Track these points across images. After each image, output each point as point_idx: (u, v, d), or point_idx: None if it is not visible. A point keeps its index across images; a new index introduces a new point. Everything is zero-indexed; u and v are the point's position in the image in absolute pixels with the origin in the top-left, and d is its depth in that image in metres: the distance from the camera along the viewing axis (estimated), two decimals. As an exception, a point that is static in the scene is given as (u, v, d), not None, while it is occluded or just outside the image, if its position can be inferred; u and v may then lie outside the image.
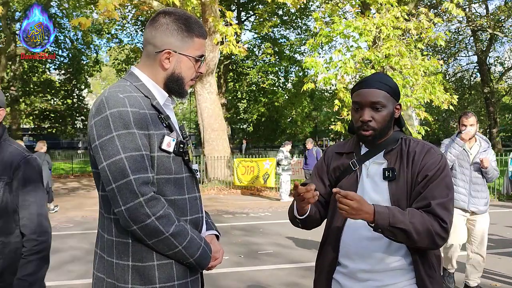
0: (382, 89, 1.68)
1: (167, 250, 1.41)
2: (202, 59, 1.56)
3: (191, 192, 1.53)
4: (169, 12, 1.53)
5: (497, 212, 9.67)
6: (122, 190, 1.35)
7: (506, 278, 4.77)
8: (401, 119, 1.79)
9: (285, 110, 30.62)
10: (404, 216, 1.55)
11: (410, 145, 1.70)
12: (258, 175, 13.05)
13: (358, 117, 1.70)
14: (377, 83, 1.69)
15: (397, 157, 1.69)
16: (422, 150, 1.67)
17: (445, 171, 1.64)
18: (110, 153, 1.37)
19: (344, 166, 1.77)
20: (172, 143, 1.45)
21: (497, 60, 33.86)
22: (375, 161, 1.72)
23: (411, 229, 1.53)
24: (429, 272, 1.64)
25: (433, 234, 1.56)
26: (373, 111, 1.68)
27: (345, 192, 1.53)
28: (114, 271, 1.43)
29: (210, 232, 1.65)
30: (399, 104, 1.74)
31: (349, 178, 1.75)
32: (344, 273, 1.71)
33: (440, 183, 1.61)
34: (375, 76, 1.74)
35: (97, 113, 1.41)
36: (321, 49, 19.68)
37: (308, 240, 6.56)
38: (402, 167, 1.66)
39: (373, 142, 1.73)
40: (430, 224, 1.56)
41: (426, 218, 1.56)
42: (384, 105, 1.67)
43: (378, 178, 1.69)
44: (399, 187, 1.64)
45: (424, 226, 1.55)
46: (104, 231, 1.49)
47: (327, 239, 1.78)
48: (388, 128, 1.72)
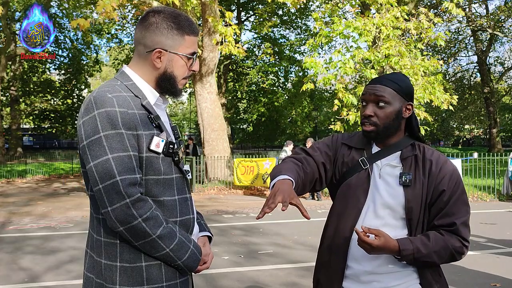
0: (389, 86, 1.64)
1: (154, 252, 1.40)
2: (194, 57, 1.54)
3: (181, 193, 1.51)
4: (158, 11, 1.51)
5: (497, 212, 9.67)
6: (108, 191, 1.34)
7: (506, 278, 4.77)
8: (414, 123, 1.72)
9: (285, 110, 30.60)
10: (428, 248, 1.57)
11: (426, 153, 1.66)
12: (258, 175, 13.06)
13: (362, 112, 1.68)
14: (386, 80, 1.66)
15: (411, 162, 1.65)
16: (439, 161, 1.64)
17: (461, 185, 1.64)
18: (97, 154, 1.35)
19: (353, 162, 1.71)
20: (161, 144, 1.44)
21: (497, 60, 33.88)
22: (390, 163, 1.67)
23: (435, 258, 1.58)
24: (434, 277, 1.63)
25: (454, 254, 1.60)
26: (377, 107, 1.64)
27: (367, 228, 1.52)
28: (102, 272, 1.43)
29: (202, 234, 1.64)
30: (410, 104, 1.67)
31: (359, 176, 1.68)
32: (348, 275, 1.67)
33: (459, 199, 1.62)
34: (388, 74, 1.71)
35: (85, 112, 1.40)
36: (321, 49, 19.69)
37: (308, 240, 6.56)
38: (418, 174, 1.62)
39: (377, 139, 1.69)
40: (452, 245, 1.59)
41: (449, 241, 1.59)
42: (388, 101, 1.62)
43: (393, 181, 1.64)
44: (415, 194, 1.61)
45: (447, 251, 1.59)
46: (94, 231, 1.48)
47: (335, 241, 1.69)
48: (394, 127, 1.66)
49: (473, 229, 7.88)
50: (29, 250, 6.22)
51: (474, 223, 8.13)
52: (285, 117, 32.28)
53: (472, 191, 12.07)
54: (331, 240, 1.71)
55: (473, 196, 11.75)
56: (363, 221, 1.64)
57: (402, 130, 1.70)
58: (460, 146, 47.67)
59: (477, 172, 13.29)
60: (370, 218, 1.63)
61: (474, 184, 12.74)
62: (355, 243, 1.61)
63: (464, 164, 14.42)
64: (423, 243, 1.57)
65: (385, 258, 1.62)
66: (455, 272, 4.88)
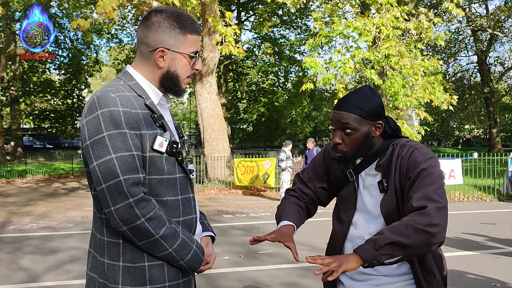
0: (353, 112, 1.61)
1: (157, 252, 1.40)
2: (196, 56, 1.54)
3: (185, 193, 1.51)
4: (160, 10, 1.51)
5: (497, 212, 9.68)
6: (112, 191, 1.34)
7: (506, 278, 4.77)
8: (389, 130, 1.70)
9: (285, 110, 30.63)
10: (383, 233, 1.45)
11: (398, 152, 1.64)
12: (258, 175, 13.06)
13: (332, 137, 1.70)
14: (350, 106, 1.62)
15: (387, 167, 1.65)
16: (407, 153, 1.61)
17: (429, 169, 1.53)
18: (101, 153, 1.35)
19: (343, 174, 1.76)
20: (164, 143, 1.44)
21: (497, 60, 33.92)
22: (369, 173, 1.70)
23: (398, 237, 1.42)
24: (427, 278, 1.62)
25: (420, 229, 1.42)
26: (344, 134, 1.65)
27: (312, 259, 1.41)
28: (105, 271, 1.43)
29: (206, 234, 1.64)
30: (379, 122, 1.65)
31: (348, 189, 1.74)
32: (346, 274, 1.73)
33: (421, 181, 1.52)
34: (352, 95, 1.66)
35: (88, 112, 1.40)
36: (321, 49, 19.67)
37: (308, 240, 6.56)
38: (390, 176, 1.63)
39: (347, 158, 1.72)
40: (412, 221, 1.44)
41: (409, 219, 1.45)
42: (354, 128, 1.62)
43: (374, 190, 1.67)
44: (388, 197, 1.62)
45: (408, 227, 1.43)
46: (97, 230, 1.48)
47: (333, 245, 1.79)
48: (366, 148, 1.67)
49: (473, 229, 7.89)
50: (29, 250, 6.22)
51: (474, 223, 8.13)
52: (285, 117, 32.30)
53: (472, 191, 12.08)
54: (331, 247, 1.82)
55: (473, 196, 11.75)
56: (354, 230, 1.70)
57: (378, 142, 1.70)
58: (460, 146, 47.69)
59: (477, 172, 13.29)
60: (360, 227, 1.69)
61: (474, 184, 12.74)
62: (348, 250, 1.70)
63: (464, 164, 14.41)
64: (377, 234, 1.47)
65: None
66: (455, 272, 4.88)
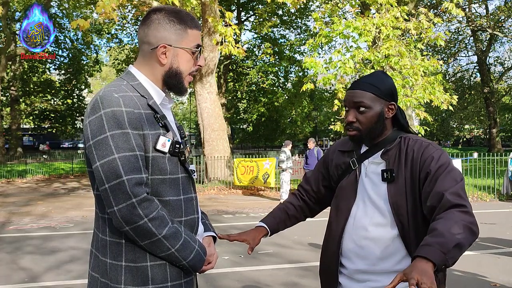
0: (368, 90, 1.66)
1: (160, 252, 1.40)
2: (199, 50, 1.55)
3: (187, 193, 1.52)
4: (159, 9, 1.53)
5: (497, 212, 9.68)
6: (114, 191, 1.34)
7: (506, 278, 4.77)
8: (401, 118, 1.75)
9: (285, 110, 30.65)
10: (444, 234, 1.37)
11: (409, 144, 1.66)
12: (258, 175, 13.06)
13: (345, 118, 1.71)
14: (364, 85, 1.67)
15: (395, 157, 1.66)
16: (420, 147, 1.63)
17: (447, 165, 1.57)
18: (104, 153, 1.36)
19: (346, 164, 1.78)
20: (167, 144, 1.44)
21: (497, 60, 33.93)
22: (373, 161, 1.71)
23: (460, 238, 1.37)
24: None
25: (467, 225, 1.41)
26: (358, 113, 1.67)
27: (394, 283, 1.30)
28: (108, 271, 1.43)
29: (207, 234, 1.64)
30: (392, 104, 1.70)
31: (349, 177, 1.75)
32: (345, 274, 1.72)
33: (446, 176, 1.54)
34: (366, 77, 1.72)
35: (91, 112, 1.41)
36: (321, 49, 19.69)
37: (307, 240, 6.56)
38: (400, 168, 1.64)
39: (364, 142, 1.73)
40: (458, 218, 1.43)
41: (452, 217, 1.43)
42: (368, 106, 1.65)
43: (376, 178, 1.68)
44: (397, 188, 1.63)
45: (459, 225, 1.40)
46: (99, 230, 1.48)
47: (329, 241, 1.78)
48: (378, 128, 1.69)
49: (473, 229, 7.89)
50: (29, 250, 6.23)
51: (474, 223, 8.12)
52: (285, 117, 32.32)
53: (472, 191, 12.08)
54: (327, 241, 1.80)
55: (473, 196, 11.75)
56: (354, 220, 1.68)
57: (389, 128, 1.73)
58: (460, 146, 47.69)
59: (477, 172, 13.29)
60: (360, 218, 1.68)
61: (474, 184, 12.75)
62: (347, 242, 1.69)
63: (464, 164, 14.43)
64: (434, 236, 1.38)
65: (377, 257, 1.63)
66: (455, 272, 4.88)
